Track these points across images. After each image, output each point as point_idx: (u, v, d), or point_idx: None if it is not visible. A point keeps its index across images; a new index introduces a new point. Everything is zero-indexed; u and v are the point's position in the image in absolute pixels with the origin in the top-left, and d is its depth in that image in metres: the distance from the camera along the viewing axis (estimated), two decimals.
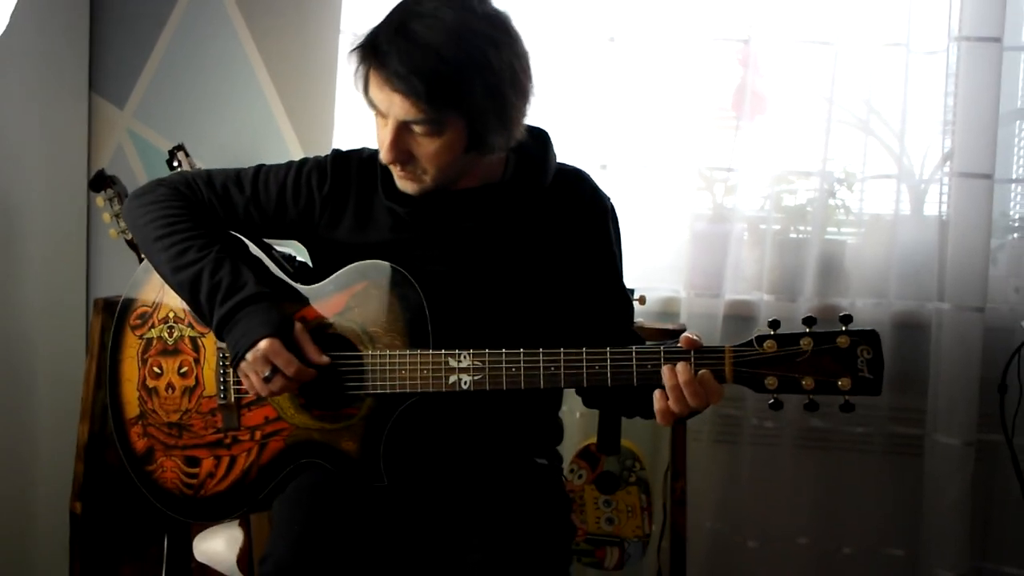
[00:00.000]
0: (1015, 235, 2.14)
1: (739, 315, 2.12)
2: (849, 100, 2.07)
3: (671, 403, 1.18)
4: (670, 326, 1.98)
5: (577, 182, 1.41)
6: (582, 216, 1.39)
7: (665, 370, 1.19)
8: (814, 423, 2.10)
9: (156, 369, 1.42)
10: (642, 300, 1.98)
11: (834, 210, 2.14)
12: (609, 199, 1.43)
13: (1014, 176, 2.14)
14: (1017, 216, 2.14)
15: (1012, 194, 2.15)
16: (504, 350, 1.25)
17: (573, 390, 1.42)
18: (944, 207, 2.04)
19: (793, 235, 2.16)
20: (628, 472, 1.94)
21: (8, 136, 2.03)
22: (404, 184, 1.31)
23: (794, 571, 2.14)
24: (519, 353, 1.24)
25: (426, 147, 1.26)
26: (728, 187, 2.15)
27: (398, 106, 1.22)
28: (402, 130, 1.24)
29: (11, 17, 1.97)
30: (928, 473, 2.04)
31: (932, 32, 2.02)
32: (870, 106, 2.08)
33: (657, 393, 1.20)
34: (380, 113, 1.26)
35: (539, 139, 1.39)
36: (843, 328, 1.16)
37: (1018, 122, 2.12)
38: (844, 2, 2.02)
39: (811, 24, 2.05)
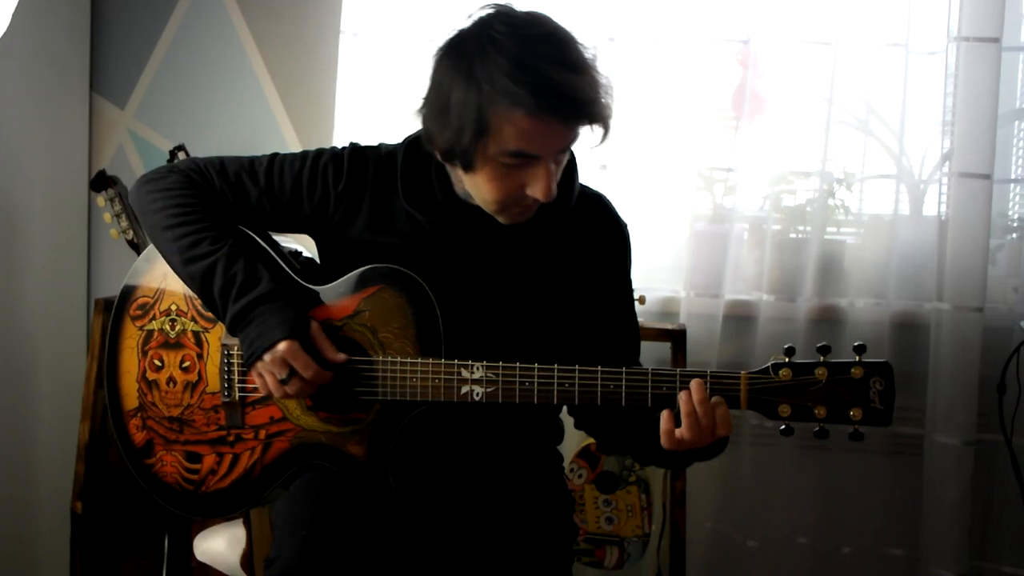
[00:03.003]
0: (1014, 235, 2.14)
1: (739, 315, 2.12)
2: (848, 100, 2.08)
3: (684, 429, 1.17)
4: (670, 326, 1.98)
5: (599, 207, 1.39)
6: (602, 241, 1.38)
7: (682, 395, 1.17)
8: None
9: (157, 362, 1.39)
10: (642, 300, 1.98)
11: (833, 210, 2.15)
12: (626, 226, 1.41)
13: (1013, 176, 2.14)
14: (1016, 216, 2.14)
15: (1011, 194, 2.15)
16: (518, 364, 1.23)
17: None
18: (943, 207, 2.04)
19: (793, 235, 2.17)
20: (628, 472, 1.94)
21: (9, 136, 2.03)
22: (523, 219, 1.26)
23: (793, 571, 2.14)
24: (533, 368, 1.22)
25: (556, 171, 1.21)
26: (728, 187, 2.15)
27: (561, 141, 1.17)
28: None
29: (12, 17, 1.98)
30: (927, 473, 2.04)
31: (931, 32, 2.02)
32: (869, 106, 2.08)
33: (665, 413, 1.18)
34: (526, 159, 1.17)
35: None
36: (857, 359, 1.17)
37: (1017, 122, 2.12)
38: (844, 3, 2.02)
39: (811, 24, 2.06)
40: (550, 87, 1.10)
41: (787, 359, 1.18)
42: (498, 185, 1.20)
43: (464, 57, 1.15)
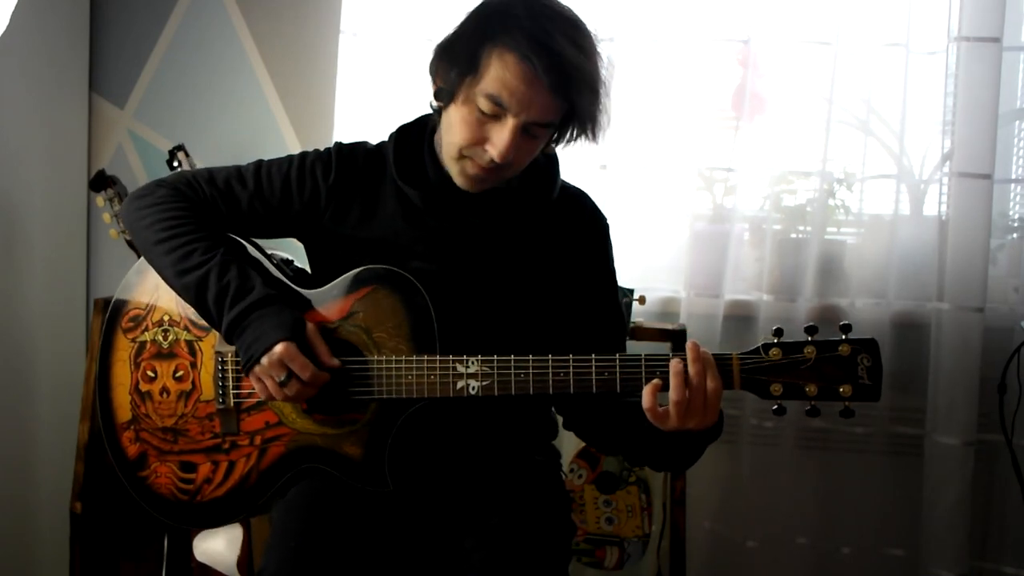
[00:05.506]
0: (1014, 235, 2.14)
1: (739, 315, 2.12)
2: (849, 100, 2.08)
3: (672, 390, 1.17)
4: (670, 326, 1.98)
5: (579, 201, 1.44)
6: (584, 232, 1.41)
7: (673, 360, 1.18)
8: (814, 423, 2.10)
9: (150, 373, 1.39)
10: (642, 300, 1.98)
11: (834, 210, 2.15)
12: (606, 219, 1.45)
13: (1013, 176, 2.14)
14: (1016, 216, 2.14)
15: (1012, 194, 2.15)
16: (513, 356, 1.23)
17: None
18: (944, 207, 2.04)
19: (793, 235, 2.17)
20: (628, 472, 1.94)
21: (8, 136, 2.03)
22: (475, 184, 1.29)
23: (793, 571, 2.15)
24: (528, 359, 1.23)
25: (528, 147, 1.26)
26: (728, 187, 2.15)
27: (539, 106, 1.21)
28: (521, 131, 1.22)
29: (11, 17, 1.98)
30: (928, 473, 2.04)
31: (932, 32, 2.02)
32: (870, 106, 2.08)
33: (648, 390, 1.19)
34: (498, 108, 1.21)
35: (548, 155, 1.42)
36: (843, 337, 1.20)
37: (1017, 122, 2.12)
38: (844, 2, 2.02)
39: (811, 24, 2.06)
40: (547, 46, 1.18)
41: (776, 339, 1.21)
42: (465, 128, 1.24)
43: (488, 5, 1.25)
